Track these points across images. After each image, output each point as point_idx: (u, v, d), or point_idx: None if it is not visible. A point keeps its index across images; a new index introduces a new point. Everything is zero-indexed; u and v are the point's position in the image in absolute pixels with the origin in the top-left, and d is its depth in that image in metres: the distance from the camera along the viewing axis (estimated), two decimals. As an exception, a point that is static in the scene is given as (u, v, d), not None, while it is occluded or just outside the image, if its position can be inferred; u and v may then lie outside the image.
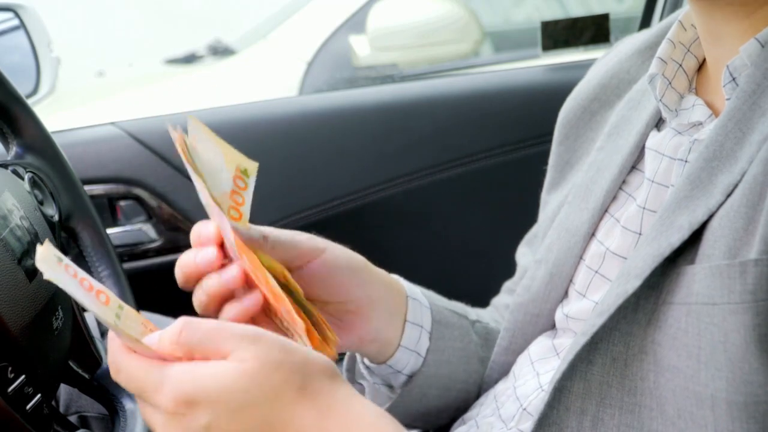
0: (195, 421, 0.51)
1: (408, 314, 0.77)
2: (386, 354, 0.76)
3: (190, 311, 0.60)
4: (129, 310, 0.55)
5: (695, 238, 0.58)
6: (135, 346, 0.53)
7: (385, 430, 0.54)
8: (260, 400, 0.51)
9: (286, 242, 0.67)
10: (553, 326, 0.78)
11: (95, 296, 0.53)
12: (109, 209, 1.40)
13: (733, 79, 0.62)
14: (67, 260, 0.53)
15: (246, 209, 0.61)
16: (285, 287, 0.61)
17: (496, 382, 0.80)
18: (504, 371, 0.80)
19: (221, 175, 0.59)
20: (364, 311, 0.73)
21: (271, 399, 0.51)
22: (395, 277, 0.79)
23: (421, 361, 0.78)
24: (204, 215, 0.62)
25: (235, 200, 0.61)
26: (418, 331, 0.77)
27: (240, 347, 0.51)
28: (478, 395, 0.82)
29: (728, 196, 0.57)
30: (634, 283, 0.59)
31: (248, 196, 0.61)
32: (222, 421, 0.50)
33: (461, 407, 0.82)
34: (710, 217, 0.58)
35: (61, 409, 0.93)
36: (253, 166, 0.60)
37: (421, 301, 0.79)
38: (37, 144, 0.89)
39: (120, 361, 0.53)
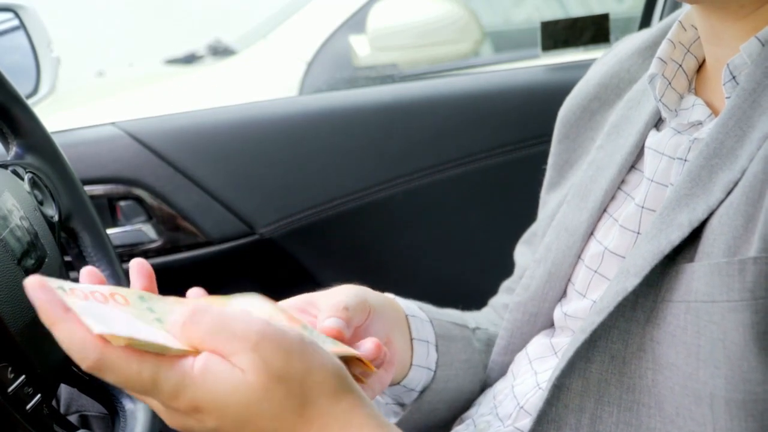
0: (203, 423, 0.51)
1: (412, 332, 0.77)
2: (401, 375, 0.76)
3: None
4: (151, 297, 0.54)
5: (695, 236, 0.58)
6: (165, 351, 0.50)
7: None
8: (264, 414, 0.50)
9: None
10: (551, 325, 0.78)
11: (113, 303, 0.52)
12: (109, 209, 1.40)
13: (733, 77, 0.62)
14: (69, 284, 0.51)
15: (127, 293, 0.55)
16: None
17: (494, 381, 0.80)
18: (502, 370, 0.80)
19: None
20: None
21: (274, 414, 0.51)
22: (390, 296, 0.79)
23: (431, 376, 0.78)
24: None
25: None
26: (425, 346, 0.77)
27: (240, 352, 0.50)
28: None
29: (728, 193, 0.57)
30: (633, 281, 0.59)
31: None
32: (228, 427, 0.51)
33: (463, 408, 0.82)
34: (710, 214, 0.58)
35: (61, 409, 0.93)
36: None
37: (420, 316, 0.79)
38: (37, 144, 0.89)
39: (128, 360, 0.49)
